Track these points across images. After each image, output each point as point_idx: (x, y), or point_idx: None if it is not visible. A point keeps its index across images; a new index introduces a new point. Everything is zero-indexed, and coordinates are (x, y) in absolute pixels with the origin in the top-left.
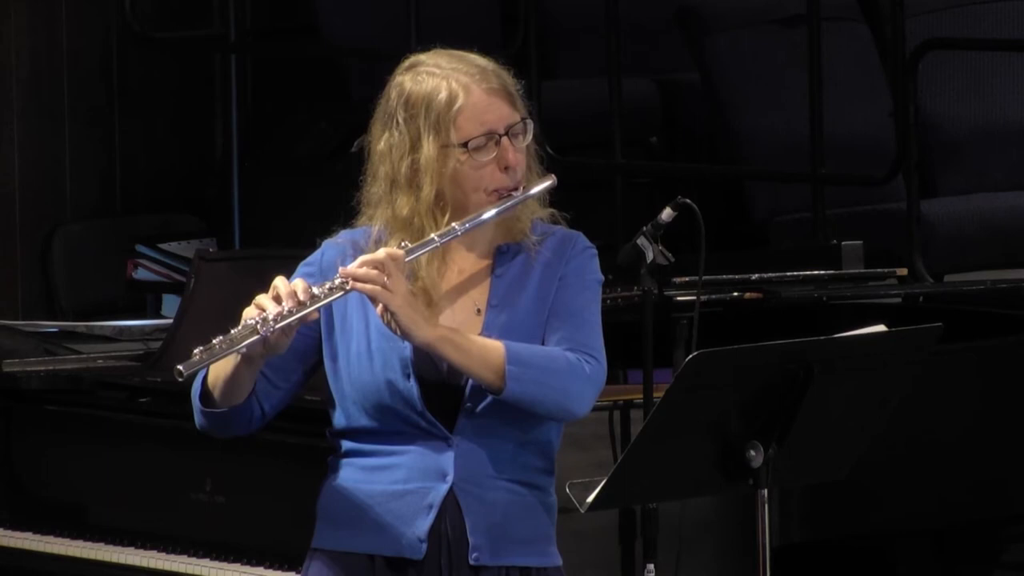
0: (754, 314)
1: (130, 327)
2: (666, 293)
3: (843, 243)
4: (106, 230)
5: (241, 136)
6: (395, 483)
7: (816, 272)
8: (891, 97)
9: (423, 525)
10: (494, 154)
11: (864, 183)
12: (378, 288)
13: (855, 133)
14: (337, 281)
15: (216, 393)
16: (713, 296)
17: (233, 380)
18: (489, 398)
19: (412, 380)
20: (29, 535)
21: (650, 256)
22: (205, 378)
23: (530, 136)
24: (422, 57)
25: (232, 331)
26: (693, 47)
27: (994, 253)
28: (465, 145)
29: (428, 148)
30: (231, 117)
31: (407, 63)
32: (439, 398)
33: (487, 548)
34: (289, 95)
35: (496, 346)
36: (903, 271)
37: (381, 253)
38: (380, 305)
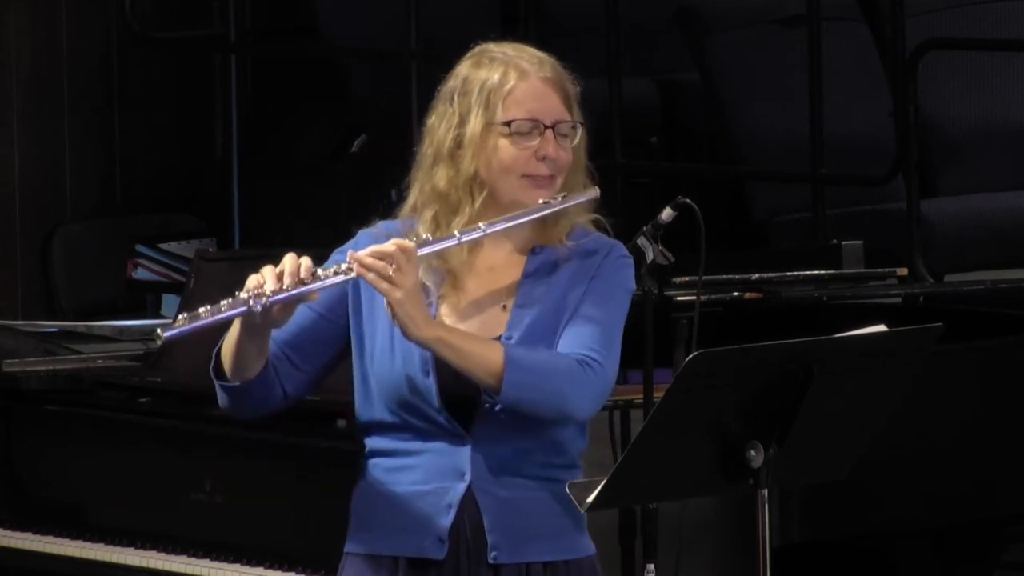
0: (754, 314)
1: (130, 327)
2: (666, 293)
3: (843, 243)
4: (106, 230)
5: (241, 136)
6: (415, 484)
7: (816, 272)
8: (891, 97)
9: (443, 525)
10: (536, 142)
11: (864, 183)
12: (380, 279)
13: (855, 133)
14: (344, 265)
15: (226, 366)
16: (713, 296)
17: (238, 352)
18: None
19: (431, 377)
20: (29, 535)
21: (650, 256)
22: (219, 352)
23: (578, 139)
24: (490, 46)
25: (223, 300)
26: (693, 47)
27: (994, 253)
28: (508, 124)
29: (474, 123)
30: (231, 117)
31: (476, 50)
32: (457, 396)
33: (505, 546)
34: (289, 95)
35: (496, 350)
36: (903, 271)
37: (391, 245)
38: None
